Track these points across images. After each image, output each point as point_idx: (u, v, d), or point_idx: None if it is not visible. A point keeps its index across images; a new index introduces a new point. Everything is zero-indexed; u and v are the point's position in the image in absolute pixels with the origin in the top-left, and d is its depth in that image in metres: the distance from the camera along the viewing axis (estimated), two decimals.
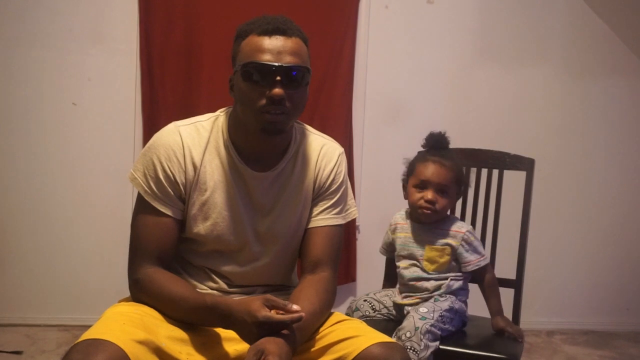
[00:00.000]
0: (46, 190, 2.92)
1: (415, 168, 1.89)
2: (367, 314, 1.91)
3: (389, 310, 1.92)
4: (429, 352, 1.66)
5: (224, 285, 1.49)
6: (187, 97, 2.93)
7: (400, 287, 1.92)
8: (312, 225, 1.53)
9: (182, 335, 1.35)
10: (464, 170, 1.98)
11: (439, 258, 1.86)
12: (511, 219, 2.09)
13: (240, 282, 1.50)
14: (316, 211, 1.53)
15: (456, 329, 1.82)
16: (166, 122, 1.50)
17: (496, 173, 2.10)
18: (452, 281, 1.85)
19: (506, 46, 3.18)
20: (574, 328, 3.28)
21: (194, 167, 1.44)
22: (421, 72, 3.13)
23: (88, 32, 2.89)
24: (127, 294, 1.47)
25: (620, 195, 3.30)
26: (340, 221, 1.56)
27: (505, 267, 2.05)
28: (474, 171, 2.11)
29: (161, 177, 1.42)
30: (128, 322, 1.28)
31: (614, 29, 3.18)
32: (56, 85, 2.89)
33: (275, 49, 1.36)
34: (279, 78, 1.35)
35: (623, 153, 3.29)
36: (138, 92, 2.91)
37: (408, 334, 1.67)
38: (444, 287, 1.83)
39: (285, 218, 1.50)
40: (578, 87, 3.22)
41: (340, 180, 1.56)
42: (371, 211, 3.04)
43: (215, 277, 1.50)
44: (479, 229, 2.05)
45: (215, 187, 1.45)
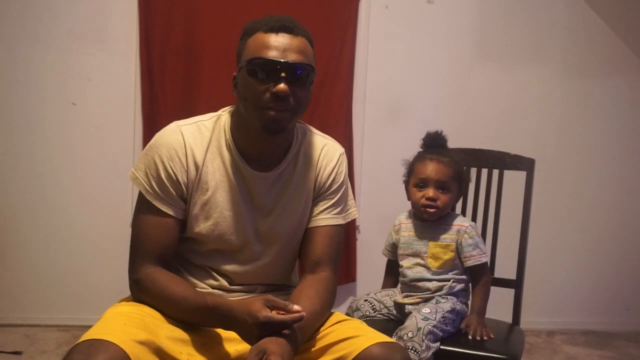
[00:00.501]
0: (46, 191, 2.92)
1: (415, 168, 1.90)
2: (368, 314, 1.91)
3: (389, 310, 1.92)
4: (430, 353, 1.66)
5: (225, 283, 1.49)
6: (187, 97, 2.93)
7: (402, 287, 1.92)
8: (312, 225, 1.53)
9: (183, 335, 1.35)
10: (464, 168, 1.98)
11: (443, 255, 1.86)
12: (511, 219, 2.09)
13: (241, 281, 1.50)
14: (317, 211, 1.53)
15: (457, 330, 1.81)
16: (166, 122, 1.49)
17: (496, 173, 2.10)
18: (454, 283, 1.85)
19: (506, 46, 3.18)
20: (574, 328, 3.28)
21: (196, 166, 1.44)
22: (421, 72, 3.13)
23: (88, 32, 2.89)
24: (127, 293, 1.46)
25: (620, 195, 3.30)
26: (341, 221, 1.56)
27: (505, 267, 2.05)
28: (474, 171, 2.11)
29: (163, 176, 1.41)
30: (129, 323, 1.28)
31: (614, 29, 3.18)
32: (56, 85, 2.89)
33: (281, 46, 1.36)
34: (284, 75, 1.35)
35: (623, 153, 3.29)
36: (138, 92, 2.91)
37: (410, 334, 1.67)
38: (446, 288, 1.84)
39: (286, 218, 1.50)
40: (578, 87, 3.22)
41: (341, 181, 1.56)
42: (371, 211, 3.04)
43: (217, 275, 1.50)
44: (479, 229, 2.04)
45: (217, 186, 1.45)
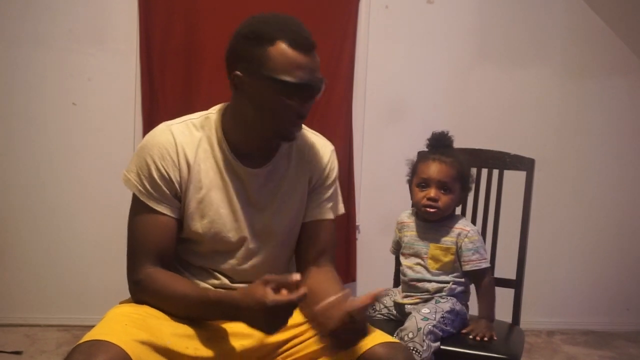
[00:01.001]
0: (46, 191, 2.92)
1: (417, 167, 1.90)
2: (367, 313, 1.90)
3: (389, 310, 1.92)
4: (430, 352, 1.67)
5: (227, 282, 1.49)
6: (187, 97, 2.92)
7: (402, 286, 1.93)
8: (309, 219, 1.55)
9: (188, 331, 1.35)
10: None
11: (442, 257, 1.86)
12: (511, 219, 2.09)
13: (240, 279, 1.50)
14: (312, 205, 1.55)
15: (457, 330, 1.81)
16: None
17: (496, 173, 2.10)
18: (454, 285, 1.85)
19: (506, 46, 3.17)
20: (574, 328, 3.28)
21: (188, 165, 1.44)
22: (421, 72, 3.13)
23: (88, 32, 2.89)
24: (128, 294, 1.46)
25: (620, 195, 3.30)
26: (333, 216, 1.59)
27: (505, 267, 2.05)
28: (474, 171, 2.11)
29: (155, 176, 1.42)
30: (130, 323, 1.28)
31: (614, 29, 3.18)
32: (56, 85, 2.89)
33: (310, 66, 1.38)
34: (310, 95, 1.39)
35: (623, 153, 3.29)
36: (138, 92, 2.91)
37: (410, 335, 1.67)
38: (445, 290, 1.84)
39: (281, 214, 1.51)
40: (578, 87, 3.22)
41: (334, 176, 1.59)
42: (371, 211, 3.03)
43: (217, 274, 1.50)
44: (479, 229, 2.04)
45: (211, 184, 1.46)
